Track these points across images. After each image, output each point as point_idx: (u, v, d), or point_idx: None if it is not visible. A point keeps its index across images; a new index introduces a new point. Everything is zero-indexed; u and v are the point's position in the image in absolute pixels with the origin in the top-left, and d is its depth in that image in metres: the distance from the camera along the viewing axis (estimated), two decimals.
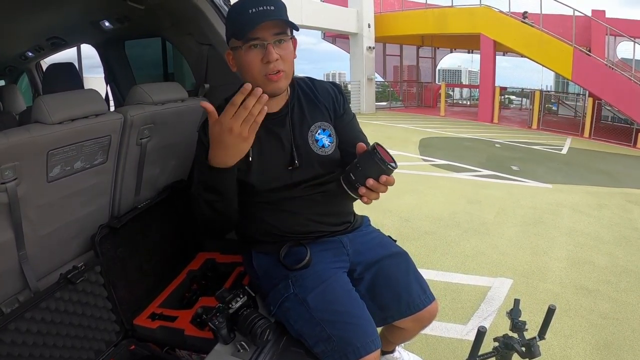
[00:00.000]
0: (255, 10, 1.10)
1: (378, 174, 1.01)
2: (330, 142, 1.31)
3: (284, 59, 1.15)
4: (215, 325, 1.11)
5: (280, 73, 1.15)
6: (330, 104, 1.34)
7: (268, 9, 1.10)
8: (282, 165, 1.26)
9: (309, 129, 1.29)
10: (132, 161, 1.51)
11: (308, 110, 1.31)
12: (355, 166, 1.04)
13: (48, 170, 1.19)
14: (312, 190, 1.29)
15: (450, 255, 3.38)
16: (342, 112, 1.36)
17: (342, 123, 1.35)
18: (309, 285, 1.20)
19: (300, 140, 1.27)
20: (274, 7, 1.11)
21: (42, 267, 1.34)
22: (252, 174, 1.24)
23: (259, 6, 1.10)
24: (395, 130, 10.81)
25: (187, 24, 1.81)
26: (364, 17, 14.53)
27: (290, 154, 1.26)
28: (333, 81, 1.45)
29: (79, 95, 1.29)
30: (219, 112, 1.21)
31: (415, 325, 1.38)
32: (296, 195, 1.28)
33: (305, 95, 1.33)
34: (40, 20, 2.39)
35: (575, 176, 6.48)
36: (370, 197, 1.04)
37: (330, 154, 1.30)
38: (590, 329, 2.44)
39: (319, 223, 1.32)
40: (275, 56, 1.12)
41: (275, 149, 1.26)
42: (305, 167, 1.27)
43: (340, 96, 1.37)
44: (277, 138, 1.26)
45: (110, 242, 1.49)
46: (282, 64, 1.15)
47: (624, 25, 12.27)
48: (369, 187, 1.02)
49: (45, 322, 1.26)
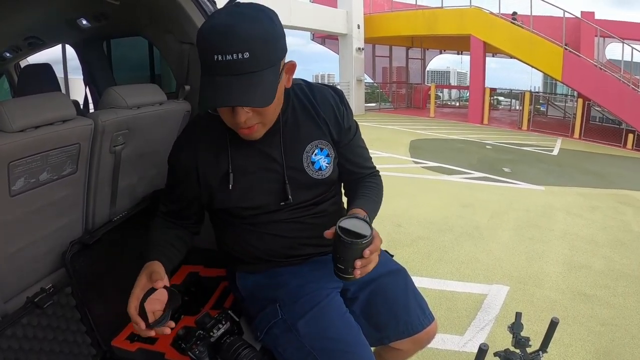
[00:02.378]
0: (222, 58, 0.83)
1: (359, 254, 0.90)
2: (328, 163, 1.14)
3: (260, 113, 0.95)
4: (196, 355, 1.01)
5: (254, 126, 0.97)
6: (331, 117, 1.13)
7: (239, 59, 0.83)
8: (272, 195, 1.10)
9: (304, 149, 1.10)
10: (106, 171, 1.40)
11: (304, 126, 1.11)
12: (336, 257, 0.93)
13: (10, 184, 1.08)
14: (303, 213, 1.15)
15: (444, 262, 3.30)
16: (347, 126, 1.16)
17: (345, 140, 1.17)
18: (299, 309, 1.08)
19: (294, 163, 1.10)
20: (248, 54, 0.83)
21: (10, 288, 1.23)
22: (232, 200, 1.09)
23: (225, 53, 0.83)
24: (384, 131, 10.76)
25: (167, 21, 1.71)
26: (354, 18, 14.51)
27: (282, 184, 1.09)
28: (333, 86, 1.22)
29: (43, 100, 1.17)
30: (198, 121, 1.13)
31: (413, 347, 1.29)
32: (282, 219, 1.14)
33: (301, 106, 1.12)
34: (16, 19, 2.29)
35: (567, 178, 6.47)
36: (368, 270, 0.94)
37: (327, 177, 1.14)
38: (589, 336, 2.38)
39: (308, 246, 1.18)
40: (243, 118, 0.92)
41: (263, 173, 1.09)
42: (297, 195, 1.11)
43: (342, 107, 1.15)
44: (266, 160, 1.08)
45: (83, 259, 1.38)
46: (256, 118, 0.96)
47: (613, 26, 12.37)
48: (360, 267, 0.91)
49: (12, 350, 1.15)
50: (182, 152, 1.10)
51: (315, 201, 1.16)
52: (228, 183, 1.06)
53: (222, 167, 1.07)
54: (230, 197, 1.08)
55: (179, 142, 1.13)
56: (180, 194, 1.15)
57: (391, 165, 6.56)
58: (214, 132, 1.08)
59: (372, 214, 1.13)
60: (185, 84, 1.78)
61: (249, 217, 1.12)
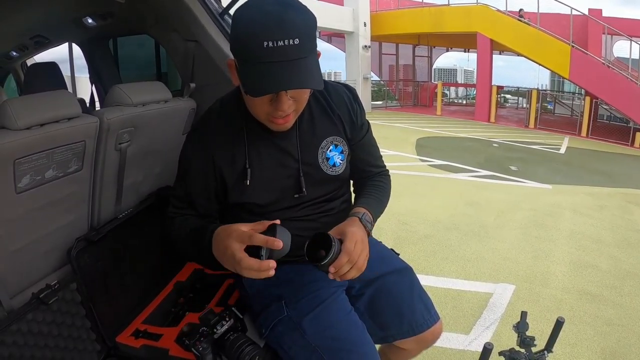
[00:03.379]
0: (273, 45, 0.83)
1: (325, 269, 0.91)
2: (342, 159, 1.15)
3: (298, 101, 0.96)
4: (199, 351, 1.01)
5: (289, 116, 0.97)
6: (345, 114, 1.15)
7: (290, 45, 0.84)
8: (286, 190, 1.10)
9: (319, 145, 1.12)
10: (111, 168, 1.40)
11: (319, 122, 1.12)
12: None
13: (16, 181, 1.09)
14: (314, 210, 1.15)
15: (450, 260, 3.29)
16: (360, 124, 1.17)
17: (357, 137, 1.18)
18: (304, 307, 1.08)
19: (309, 159, 1.10)
20: (298, 40, 0.84)
21: (16, 284, 1.23)
22: (247, 196, 1.08)
23: (277, 39, 0.83)
24: (391, 130, 10.74)
25: (172, 19, 1.71)
26: (360, 16, 14.48)
27: (296, 178, 1.10)
28: (346, 84, 1.23)
29: (49, 98, 1.18)
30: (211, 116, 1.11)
31: (417, 347, 1.28)
32: (296, 216, 1.13)
33: (317, 103, 1.13)
34: (23, 18, 2.30)
35: (575, 176, 6.42)
36: (347, 277, 0.93)
37: (340, 173, 1.15)
38: (595, 336, 2.37)
39: None
40: (287, 106, 0.93)
41: (279, 169, 1.09)
42: (311, 190, 1.12)
43: (355, 104, 1.17)
44: (282, 155, 1.09)
45: (88, 256, 1.38)
46: (294, 106, 0.96)
47: (620, 24, 12.25)
48: (333, 272, 0.91)
49: (17, 345, 1.16)
50: (199, 148, 1.08)
51: (327, 198, 1.16)
52: (245, 179, 1.05)
53: (239, 162, 1.07)
54: (246, 193, 1.08)
55: (194, 138, 1.11)
56: (196, 191, 1.12)
57: (398, 163, 6.55)
58: (229, 127, 1.08)
59: (375, 212, 1.12)
60: (191, 82, 1.78)
61: (262, 213, 1.10)
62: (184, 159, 1.11)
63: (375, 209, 1.13)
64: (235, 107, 1.08)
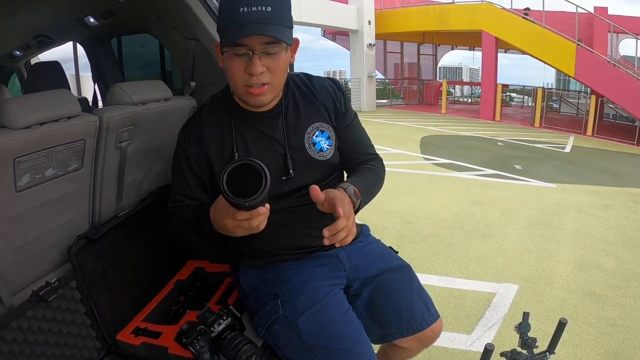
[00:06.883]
0: (248, 10, 0.94)
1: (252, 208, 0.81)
2: (329, 145, 1.17)
3: (272, 71, 1.02)
4: (197, 349, 1.01)
5: (264, 87, 1.03)
6: (330, 103, 1.19)
7: (263, 10, 0.94)
8: (274, 174, 1.08)
9: (305, 130, 1.15)
10: (112, 166, 1.41)
11: (304, 110, 1.17)
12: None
13: (16, 179, 1.09)
14: (306, 200, 1.12)
15: (453, 259, 3.28)
16: (344, 111, 1.22)
17: (343, 124, 1.22)
18: (300, 306, 1.08)
19: (296, 143, 1.14)
20: (270, 8, 0.95)
21: (16, 282, 1.24)
22: None
23: (252, 5, 0.94)
24: (396, 128, 10.71)
25: (172, 17, 1.72)
26: (365, 14, 14.44)
27: (283, 162, 1.12)
28: (332, 77, 1.30)
29: (48, 97, 1.18)
30: (202, 110, 1.18)
31: (417, 345, 1.27)
32: (287, 207, 1.14)
33: (301, 93, 1.19)
34: (25, 18, 2.32)
35: (580, 175, 6.37)
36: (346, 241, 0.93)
37: (329, 158, 1.17)
38: (599, 337, 2.34)
39: (312, 237, 1.17)
40: (259, 69, 0.99)
41: (265, 154, 1.12)
42: (300, 175, 1.13)
43: (340, 94, 1.22)
44: (269, 141, 1.13)
45: (88, 254, 1.39)
46: (268, 76, 1.02)
47: (626, 22, 12.15)
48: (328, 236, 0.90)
49: (17, 342, 1.16)
50: (191, 138, 1.14)
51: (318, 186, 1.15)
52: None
53: (227, 149, 1.12)
54: None
55: (186, 130, 1.17)
56: (192, 181, 1.16)
57: (402, 161, 6.51)
58: (218, 118, 1.14)
59: (365, 191, 1.09)
60: (191, 80, 1.78)
61: None
62: (178, 150, 1.17)
63: (364, 187, 1.10)
64: (224, 99, 1.16)
